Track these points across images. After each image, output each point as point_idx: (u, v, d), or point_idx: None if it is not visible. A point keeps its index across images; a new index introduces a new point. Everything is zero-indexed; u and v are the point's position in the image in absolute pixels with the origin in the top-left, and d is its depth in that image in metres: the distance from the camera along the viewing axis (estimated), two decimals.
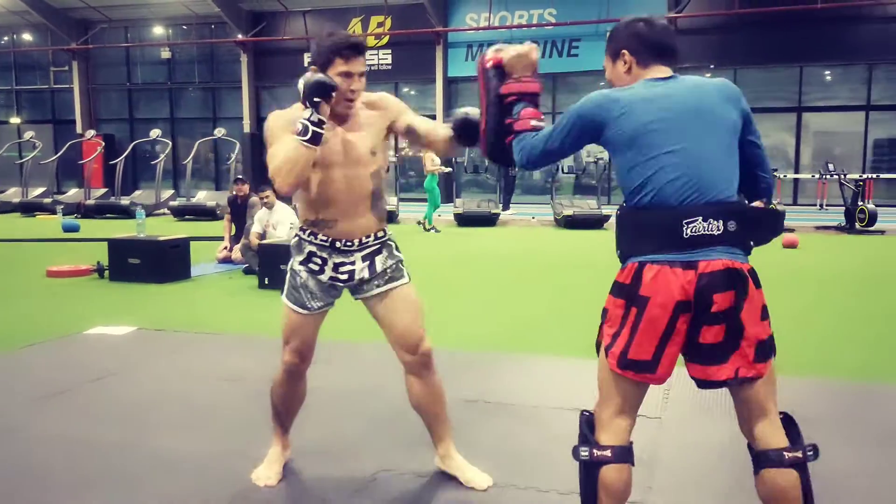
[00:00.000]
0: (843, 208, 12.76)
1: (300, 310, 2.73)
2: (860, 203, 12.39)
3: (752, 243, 2.10)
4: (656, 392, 3.92)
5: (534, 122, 2.26)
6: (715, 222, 2.01)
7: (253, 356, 4.69)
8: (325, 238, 2.68)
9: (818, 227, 12.90)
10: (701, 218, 2.00)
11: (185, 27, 23.27)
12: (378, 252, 2.74)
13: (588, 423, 2.20)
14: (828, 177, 13.36)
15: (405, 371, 2.79)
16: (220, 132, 17.40)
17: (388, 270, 2.73)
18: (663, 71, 2.18)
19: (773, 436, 2.07)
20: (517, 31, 19.18)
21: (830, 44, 16.72)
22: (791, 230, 11.55)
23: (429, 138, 2.73)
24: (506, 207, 15.71)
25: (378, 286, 2.72)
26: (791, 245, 10.46)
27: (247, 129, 21.82)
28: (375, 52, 20.71)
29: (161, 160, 17.16)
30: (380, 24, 20.57)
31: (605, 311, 2.15)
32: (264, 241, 7.85)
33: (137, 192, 17.39)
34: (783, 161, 17.85)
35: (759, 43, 17.25)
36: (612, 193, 18.41)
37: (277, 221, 8.32)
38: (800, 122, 18.17)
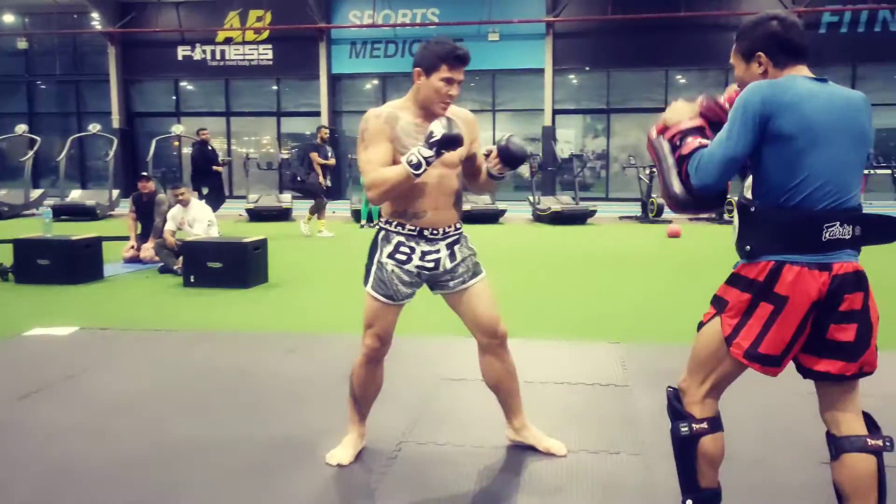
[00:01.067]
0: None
1: (387, 301, 2.88)
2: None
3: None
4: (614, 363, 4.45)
5: (701, 140, 2.24)
6: (848, 227, 2.11)
7: (218, 350, 4.73)
8: (413, 228, 2.86)
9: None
10: (838, 223, 2.10)
11: (43, 16, 21.82)
12: (457, 242, 2.95)
13: (676, 398, 2.34)
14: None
15: (483, 353, 3.05)
16: (95, 128, 16.52)
17: (470, 264, 2.96)
18: (802, 70, 2.19)
19: (856, 423, 2.21)
20: (400, 29, 19.43)
21: (693, 49, 18.05)
22: (669, 221, 12.56)
23: (478, 169, 3.02)
24: None
25: (465, 280, 2.95)
26: (674, 235, 11.41)
27: (116, 124, 20.79)
28: (255, 46, 20.32)
29: (29, 157, 16.10)
30: (259, 19, 20.19)
31: (722, 301, 2.22)
32: (187, 239, 7.68)
33: (1, 192, 16.20)
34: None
35: (630, 47, 18.35)
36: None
37: (193, 219, 8.15)
38: None
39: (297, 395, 3.89)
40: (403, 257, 2.87)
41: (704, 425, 2.28)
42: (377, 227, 2.95)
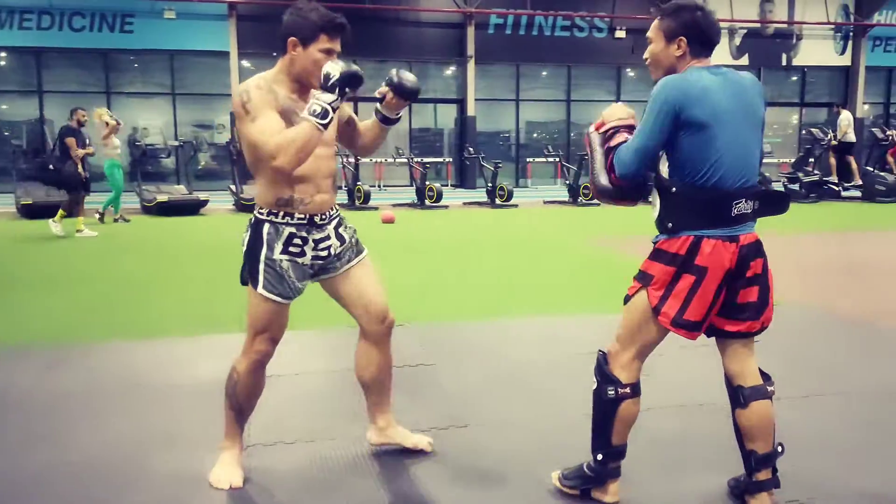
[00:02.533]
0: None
1: (283, 300, 2.65)
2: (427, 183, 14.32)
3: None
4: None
5: (627, 136, 2.46)
6: (750, 202, 2.40)
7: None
8: (302, 216, 2.64)
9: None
10: (744, 199, 2.39)
11: None
12: (341, 223, 2.80)
13: (605, 361, 2.54)
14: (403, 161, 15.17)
15: (367, 342, 2.85)
16: None
17: (353, 242, 2.82)
18: (707, 62, 2.42)
19: (757, 374, 2.54)
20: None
21: (375, 41, 18.50)
22: (377, 208, 12.71)
23: (359, 130, 2.89)
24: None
25: (350, 259, 2.79)
26: (388, 221, 11.53)
27: None
28: None
29: None
30: None
31: (647, 275, 2.44)
32: None
33: None
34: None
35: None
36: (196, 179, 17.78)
37: None
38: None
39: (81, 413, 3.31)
40: (297, 250, 2.67)
41: (628, 390, 2.50)
42: (253, 219, 2.65)
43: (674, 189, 2.39)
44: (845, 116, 16.27)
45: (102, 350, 4.46)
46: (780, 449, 2.56)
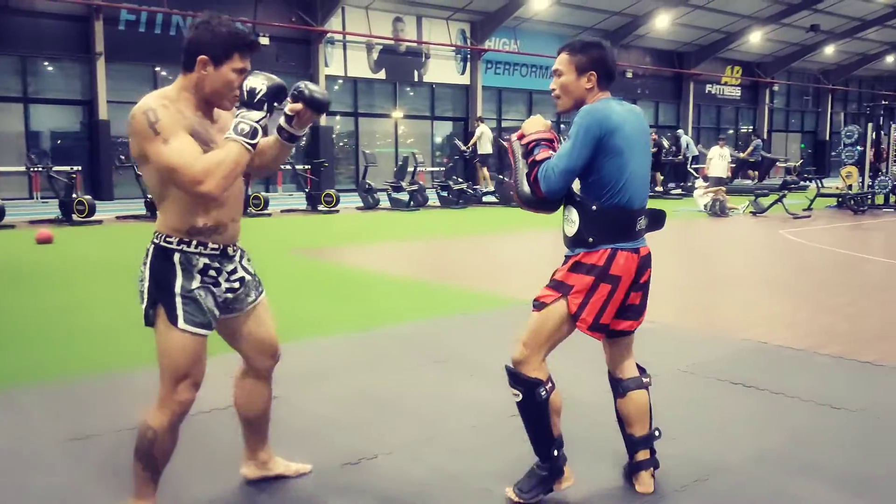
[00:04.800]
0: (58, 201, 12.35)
1: (205, 331, 2.44)
2: (75, 195, 12.24)
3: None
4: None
5: (550, 152, 2.66)
6: (645, 219, 2.74)
7: None
8: (216, 246, 2.46)
9: (33, 221, 12.16)
10: (643, 217, 2.72)
11: None
12: (243, 255, 2.65)
13: (519, 372, 2.67)
14: (38, 169, 12.81)
15: (253, 378, 2.75)
16: None
17: (256, 279, 2.69)
18: (609, 93, 2.71)
19: (634, 367, 2.88)
20: None
21: None
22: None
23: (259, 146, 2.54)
24: None
25: (256, 297, 2.66)
26: (46, 241, 9.69)
27: None
28: None
29: None
30: None
31: (566, 285, 2.65)
32: None
33: None
34: None
35: None
36: None
37: None
38: None
39: None
40: (211, 280, 2.47)
41: (550, 385, 2.69)
42: (156, 249, 2.40)
43: (594, 207, 2.64)
44: (480, 129, 17.92)
45: None
46: (657, 433, 2.87)
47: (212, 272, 2.45)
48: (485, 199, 16.72)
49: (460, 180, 16.26)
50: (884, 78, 37.53)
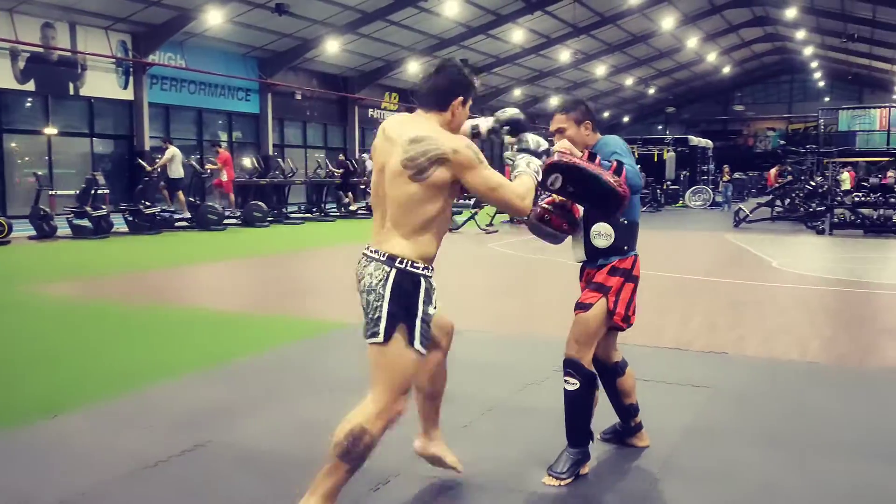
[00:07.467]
0: None
1: (427, 350, 2.73)
2: None
3: None
4: None
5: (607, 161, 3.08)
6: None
7: None
8: (433, 271, 2.74)
9: None
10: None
11: None
12: None
13: (579, 364, 3.14)
14: None
15: (442, 356, 3.00)
16: None
17: None
18: (599, 135, 3.29)
19: (620, 352, 3.45)
20: None
21: None
22: None
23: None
24: None
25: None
26: None
27: None
28: None
29: None
30: None
31: (605, 286, 3.19)
32: None
33: None
34: None
35: None
36: None
37: None
38: None
39: None
40: (433, 303, 2.74)
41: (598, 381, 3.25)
42: (401, 273, 2.59)
43: (625, 221, 3.20)
44: (171, 151, 16.41)
45: None
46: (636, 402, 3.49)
47: (434, 296, 2.73)
48: (177, 224, 15.40)
49: (148, 203, 14.78)
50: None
